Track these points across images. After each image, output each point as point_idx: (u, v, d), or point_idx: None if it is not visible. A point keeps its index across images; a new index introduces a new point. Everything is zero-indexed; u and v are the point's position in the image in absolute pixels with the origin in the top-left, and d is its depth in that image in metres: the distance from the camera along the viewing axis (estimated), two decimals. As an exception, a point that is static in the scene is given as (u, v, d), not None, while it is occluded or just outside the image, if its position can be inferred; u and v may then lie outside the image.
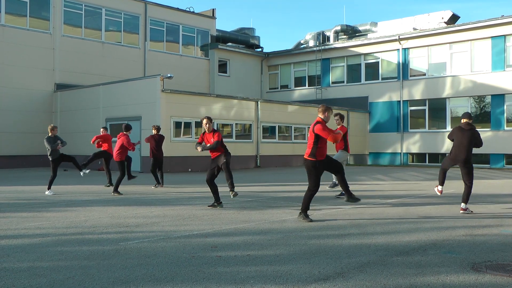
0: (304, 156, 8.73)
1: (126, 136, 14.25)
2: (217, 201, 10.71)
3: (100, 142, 16.26)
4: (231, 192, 10.60)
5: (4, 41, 26.76)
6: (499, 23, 28.52)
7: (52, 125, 14.46)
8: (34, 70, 27.81)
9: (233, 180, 10.64)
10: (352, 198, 8.94)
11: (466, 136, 9.66)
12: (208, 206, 10.79)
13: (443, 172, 10.21)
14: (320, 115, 8.72)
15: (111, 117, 25.30)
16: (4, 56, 26.77)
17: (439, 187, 10.29)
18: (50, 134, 13.99)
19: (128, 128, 14.49)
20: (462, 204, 9.88)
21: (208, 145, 10.57)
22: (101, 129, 16.98)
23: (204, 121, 10.69)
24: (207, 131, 10.68)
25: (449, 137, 10.12)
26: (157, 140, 16.18)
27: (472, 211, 9.86)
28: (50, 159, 13.88)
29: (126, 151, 14.24)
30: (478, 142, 9.76)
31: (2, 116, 26.72)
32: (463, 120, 9.89)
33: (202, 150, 10.67)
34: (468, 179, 9.81)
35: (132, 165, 24.17)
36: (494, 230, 7.92)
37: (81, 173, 14.84)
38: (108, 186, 15.84)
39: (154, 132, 16.40)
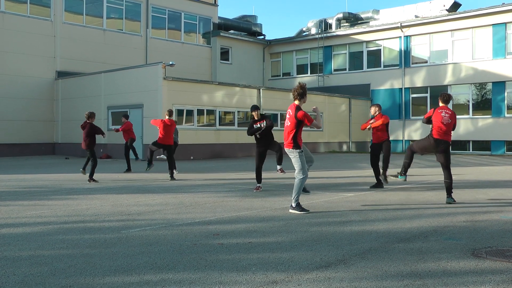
0: None
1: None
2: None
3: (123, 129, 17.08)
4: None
5: (4, 28, 26.63)
6: (500, 10, 28.48)
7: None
8: (35, 58, 27.71)
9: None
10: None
11: None
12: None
13: None
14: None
15: (112, 105, 25.28)
16: (4, 43, 26.66)
17: None
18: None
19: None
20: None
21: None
22: (122, 118, 17.78)
23: None
24: None
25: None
26: None
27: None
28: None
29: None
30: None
31: (2, 103, 26.67)
32: None
33: None
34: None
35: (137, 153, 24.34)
36: (494, 216, 7.93)
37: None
38: (126, 172, 16.65)
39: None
